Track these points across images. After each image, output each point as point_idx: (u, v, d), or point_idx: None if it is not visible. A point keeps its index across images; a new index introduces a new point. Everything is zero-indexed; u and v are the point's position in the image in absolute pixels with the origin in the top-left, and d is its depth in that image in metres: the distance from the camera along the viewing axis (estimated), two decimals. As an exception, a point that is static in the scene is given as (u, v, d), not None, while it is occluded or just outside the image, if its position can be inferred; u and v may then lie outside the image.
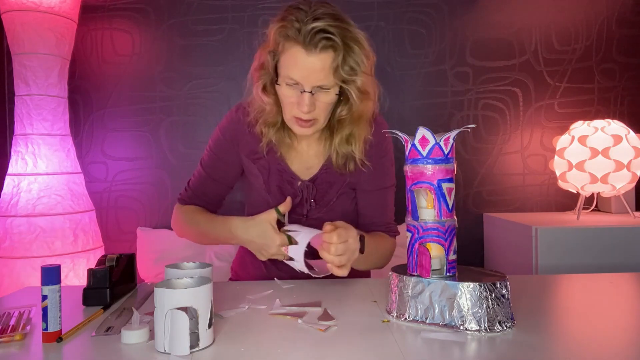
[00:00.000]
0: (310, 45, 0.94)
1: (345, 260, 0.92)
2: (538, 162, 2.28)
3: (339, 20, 0.97)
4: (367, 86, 1.03)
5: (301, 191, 1.14)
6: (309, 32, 0.93)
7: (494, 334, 0.73)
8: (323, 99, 1.01)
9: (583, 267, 1.75)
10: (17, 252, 1.75)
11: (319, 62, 0.96)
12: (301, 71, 0.97)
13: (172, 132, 2.21)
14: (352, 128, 1.09)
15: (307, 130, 1.05)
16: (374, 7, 2.23)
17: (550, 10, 2.26)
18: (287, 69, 0.98)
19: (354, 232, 0.95)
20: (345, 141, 1.10)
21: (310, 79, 0.97)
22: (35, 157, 1.82)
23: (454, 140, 0.80)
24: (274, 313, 0.85)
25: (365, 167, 1.13)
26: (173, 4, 2.21)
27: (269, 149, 1.13)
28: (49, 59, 1.83)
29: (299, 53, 0.96)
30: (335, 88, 1.00)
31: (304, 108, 0.99)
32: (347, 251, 0.92)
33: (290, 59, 0.97)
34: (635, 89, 2.28)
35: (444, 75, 2.25)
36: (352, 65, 0.98)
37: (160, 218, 2.21)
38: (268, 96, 1.05)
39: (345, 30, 0.96)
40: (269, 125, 1.10)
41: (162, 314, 0.66)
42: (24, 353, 0.69)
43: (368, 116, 1.10)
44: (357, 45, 0.98)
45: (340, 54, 0.96)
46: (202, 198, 1.20)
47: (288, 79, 0.99)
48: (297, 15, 0.95)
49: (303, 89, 0.98)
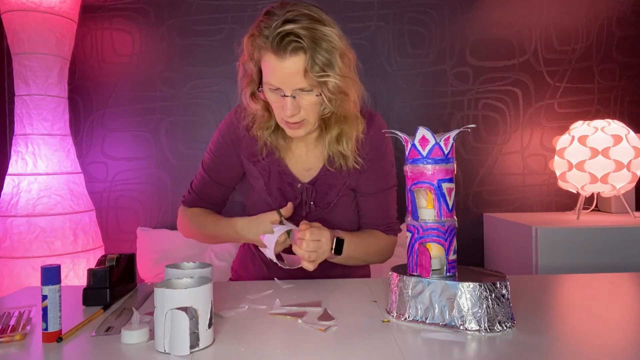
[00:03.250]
0: (280, 49, 0.93)
1: (314, 257, 0.98)
2: (538, 162, 2.28)
3: (310, 19, 0.94)
4: (343, 87, 0.99)
5: (300, 193, 1.14)
6: (275, 37, 0.93)
7: (494, 334, 0.73)
8: (306, 100, 1.00)
9: (583, 267, 1.75)
10: (17, 252, 1.75)
11: (292, 65, 0.95)
12: (278, 77, 0.97)
13: (172, 132, 2.21)
14: (341, 127, 1.08)
15: (298, 132, 1.05)
16: (374, 7, 2.23)
17: (550, 10, 2.26)
18: (266, 75, 0.99)
19: (327, 233, 1.01)
20: (335, 140, 1.10)
21: (287, 84, 0.97)
22: (35, 157, 1.82)
23: (454, 140, 0.80)
24: (274, 313, 0.85)
25: (366, 168, 1.13)
26: (173, 4, 2.21)
27: (268, 152, 1.14)
28: (49, 59, 1.83)
29: (271, 59, 0.96)
30: (317, 89, 0.99)
31: (287, 112, 0.99)
32: (318, 249, 0.98)
33: (267, 66, 0.98)
34: (635, 89, 2.28)
35: (444, 75, 2.25)
36: (321, 65, 0.95)
37: (160, 218, 2.21)
38: (257, 102, 1.07)
39: (313, 30, 0.94)
40: (263, 129, 1.11)
41: (162, 314, 0.66)
42: (24, 353, 0.69)
43: (353, 115, 1.08)
44: (328, 44, 0.95)
45: (309, 55, 0.94)
46: (205, 200, 1.21)
47: (269, 85, 0.99)
48: (268, 22, 0.95)
49: (283, 93, 0.98)
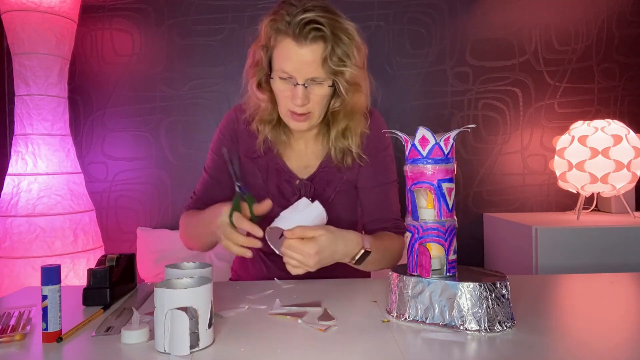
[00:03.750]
0: (301, 36, 0.95)
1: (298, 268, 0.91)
2: (538, 162, 2.28)
3: (329, 12, 0.98)
4: (357, 78, 1.03)
5: (299, 190, 1.14)
6: (298, 23, 0.94)
7: (494, 334, 0.73)
8: (317, 92, 1.01)
9: (583, 267, 1.75)
10: (17, 252, 1.75)
11: (310, 53, 0.96)
12: (293, 63, 0.97)
13: (172, 132, 2.21)
14: (348, 122, 1.09)
15: (302, 125, 1.05)
16: (374, 7, 2.23)
17: (550, 10, 2.26)
18: (280, 62, 0.99)
19: (312, 249, 0.89)
20: (342, 135, 1.10)
21: (302, 72, 0.98)
22: (35, 157, 1.82)
23: (454, 140, 0.80)
24: (274, 313, 0.85)
25: (365, 163, 1.13)
26: (173, 4, 2.21)
27: (267, 148, 1.13)
28: (49, 59, 1.83)
29: (290, 45, 0.97)
30: (328, 81, 1.01)
31: (297, 101, 0.99)
32: (301, 264, 0.90)
33: (282, 52, 0.98)
34: (635, 89, 2.28)
35: (444, 75, 2.25)
36: (340, 56, 0.98)
37: (160, 218, 2.21)
38: (263, 93, 1.06)
39: (334, 21, 0.97)
40: (265, 122, 1.10)
41: (162, 314, 0.66)
42: (24, 353, 0.69)
43: (362, 109, 1.10)
44: (346, 36, 0.99)
45: (330, 45, 0.97)
46: (207, 203, 1.17)
47: (281, 72, 0.99)
48: (288, 9, 0.97)
49: (296, 81, 0.99)
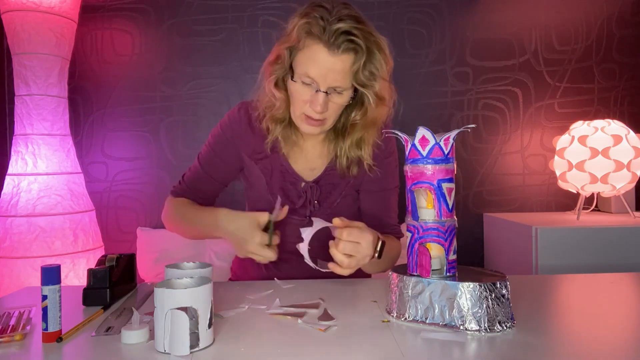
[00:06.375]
0: (334, 45, 0.93)
1: (353, 263, 0.91)
2: (538, 162, 2.28)
3: (362, 23, 0.96)
4: (383, 91, 1.02)
5: (305, 192, 1.13)
6: (333, 32, 0.93)
7: (494, 334, 0.73)
8: (336, 100, 1.00)
9: (583, 267, 1.75)
10: (17, 252, 1.75)
11: (339, 62, 0.95)
12: (320, 70, 0.96)
13: (172, 132, 2.21)
14: (364, 132, 1.08)
15: (315, 129, 1.04)
16: (373, 7, 2.23)
17: (550, 10, 2.26)
18: (305, 66, 0.97)
19: (370, 236, 0.91)
20: (356, 145, 1.10)
21: (327, 79, 0.97)
22: (35, 157, 1.82)
23: (454, 140, 0.80)
24: (274, 313, 0.85)
25: (370, 169, 1.12)
26: (173, 4, 2.21)
27: (273, 148, 1.12)
28: (49, 59, 1.83)
29: (320, 51, 0.95)
30: (349, 91, 1.00)
31: (317, 107, 0.98)
32: (356, 253, 0.90)
33: (311, 56, 0.96)
34: (635, 89, 2.28)
35: (444, 75, 2.25)
36: (372, 70, 0.98)
37: (160, 218, 2.20)
38: (279, 91, 1.04)
39: (368, 34, 0.96)
40: (277, 121, 1.09)
41: (162, 314, 0.66)
42: (24, 353, 0.69)
43: (381, 121, 1.09)
44: (378, 51, 0.98)
45: (361, 58, 0.96)
46: (195, 193, 1.18)
47: (305, 76, 0.98)
48: (322, 14, 0.95)
49: (318, 87, 0.98)
